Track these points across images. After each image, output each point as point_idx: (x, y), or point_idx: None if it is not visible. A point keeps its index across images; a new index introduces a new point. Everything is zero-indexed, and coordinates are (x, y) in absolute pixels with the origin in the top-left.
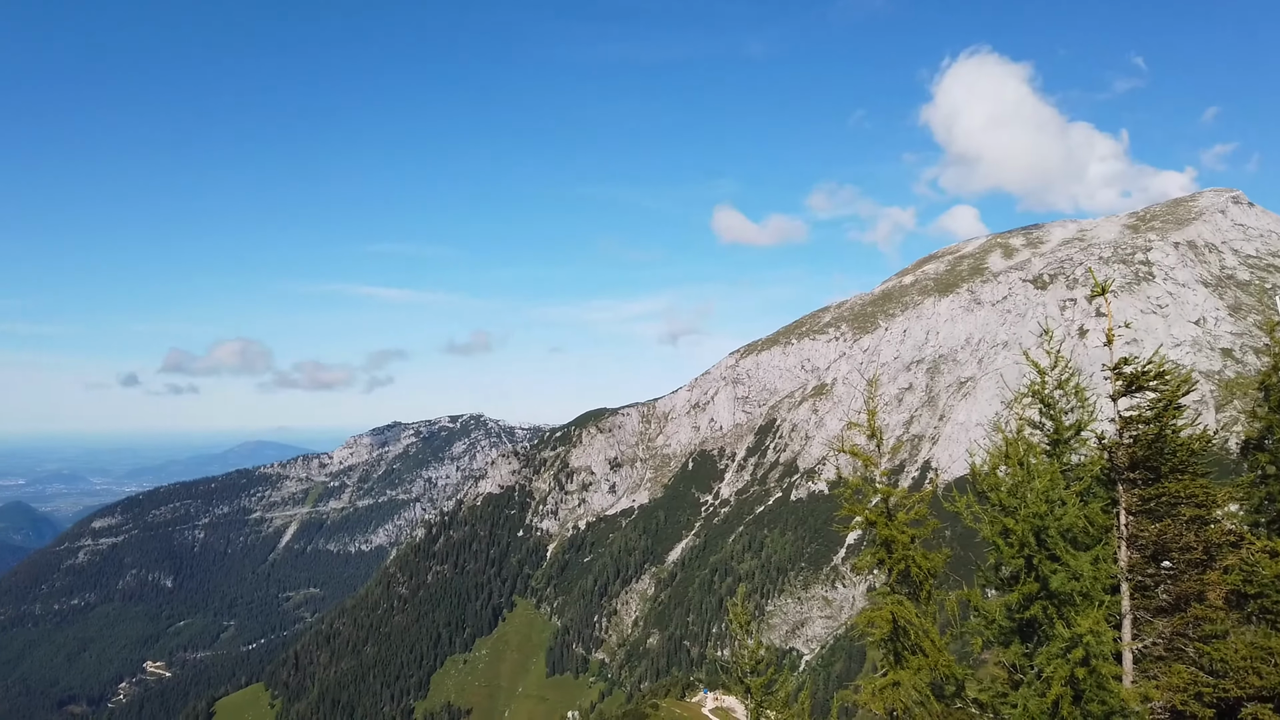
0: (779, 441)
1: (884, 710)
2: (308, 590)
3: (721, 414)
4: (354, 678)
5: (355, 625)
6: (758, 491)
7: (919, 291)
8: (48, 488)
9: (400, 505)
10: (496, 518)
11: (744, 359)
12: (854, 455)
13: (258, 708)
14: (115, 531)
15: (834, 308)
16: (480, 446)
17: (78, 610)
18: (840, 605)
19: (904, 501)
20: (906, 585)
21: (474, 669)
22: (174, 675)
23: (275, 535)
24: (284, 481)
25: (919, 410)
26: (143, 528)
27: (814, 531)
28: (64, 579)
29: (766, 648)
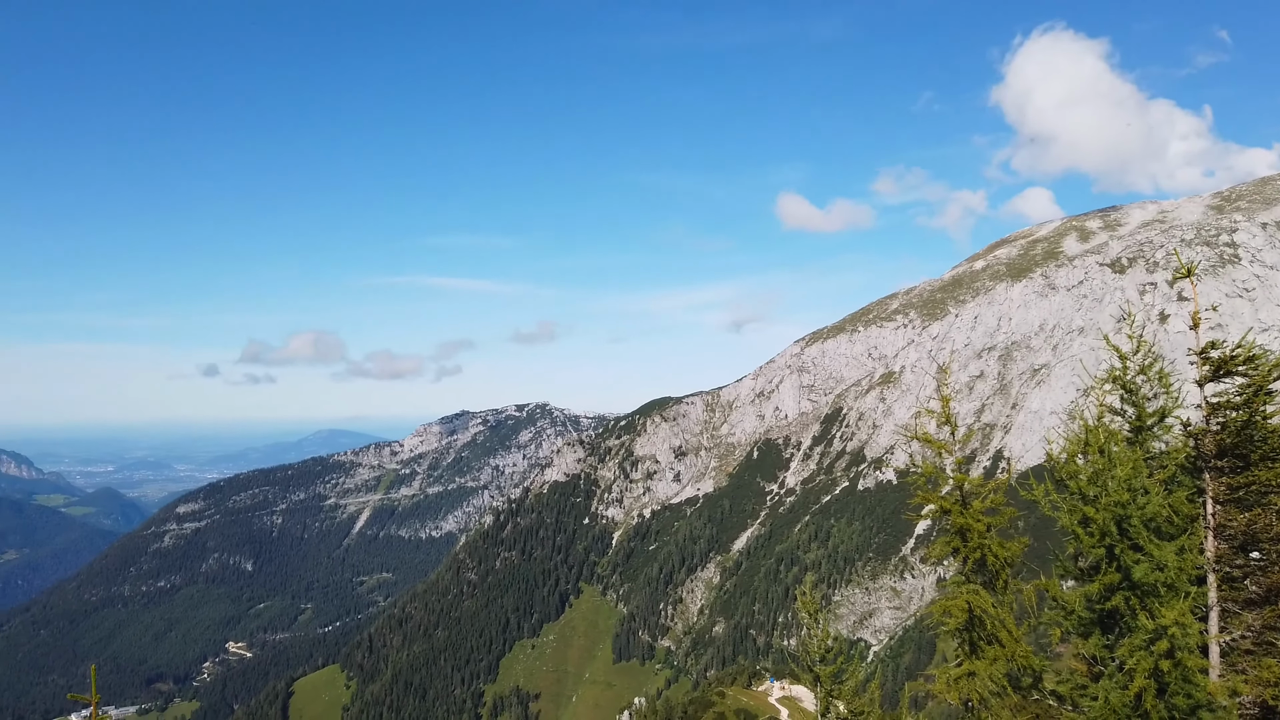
0: (846, 430)
1: (959, 700)
2: (381, 575)
3: (787, 402)
4: (425, 661)
5: (426, 610)
6: (824, 481)
7: (991, 277)
8: (135, 474)
9: (469, 492)
10: (563, 505)
11: (809, 347)
12: (927, 443)
13: (334, 688)
14: (198, 516)
15: (902, 294)
16: (546, 435)
17: (164, 592)
18: (909, 596)
19: (978, 489)
20: (982, 574)
21: (542, 654)
22: (255, 656)
23: (349, 521)
24: (357, 469)
25: (990, 398)
26: (224, 513)
27: (882, 521)
28: (151, 562)
29: (834, 637)
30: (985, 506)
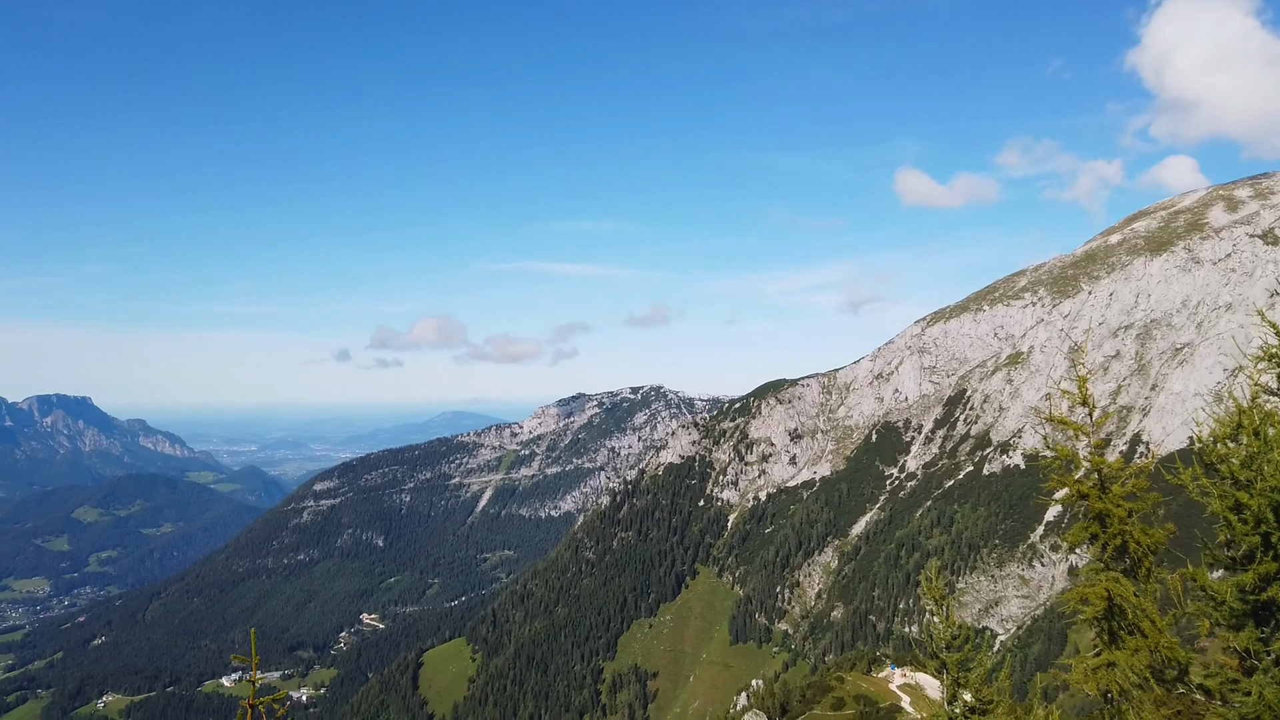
0: (969, 413)
1: (1098, 692)
2: (503, 552)
3: (907, 384)
4: (546, 636)
5: (547, 587)
6: (946, 465)
7: (1127, 251)
8: (276, 453)
9: (585, 473)
10: (678, 487)
11: (930, 327)
12: (1063, 425)
13: (460, 661)
14: (333, 494)
15: (1030, 271)
16: (660, 417)
17: (303, 565)
18: (1038, 585)
19: (1118, 473)
20: (1123, 562)
21: (659, 633)
22: (386, 627)
23: (473, 500)
24: (479, 449)
25: (1127, 380)
26: (357, 491)
27: (1009, 507)
28: (291, 536)
29: (960, 625)
30: (1125, 491)
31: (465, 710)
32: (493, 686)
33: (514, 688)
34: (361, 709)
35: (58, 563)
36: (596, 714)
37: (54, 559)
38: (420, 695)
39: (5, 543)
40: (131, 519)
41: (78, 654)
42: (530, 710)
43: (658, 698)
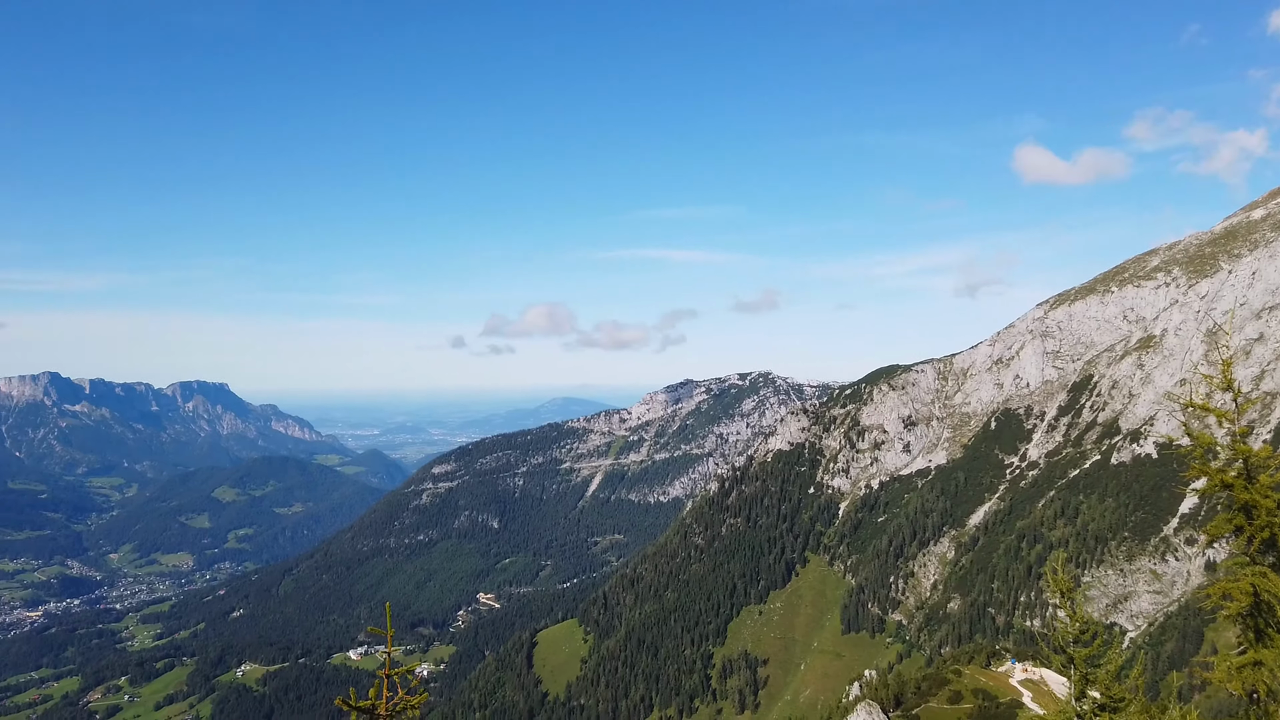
0: (1096, 400)
1: (1242, 691)
2: (613, 536)
3: (1028, 370)
4: (656, 620)
5: (656, 571)
6: (1071, 454)
7: (1273, 227)
8: (397, 437)
9: (694, 459)
10: (787, 474)
11: (1054, 310)
12: (1204, 411)
13: (573, 641)
14: (451, 477)
15: (1163, 249)
16: (769, 403)
17: (423, 545)
18: (1172, 580)
19: (1266, 462)
20: (1270, 555)
21: (769, 620)
22: (502, 607)
23: (583, 484)
24: (589, 435)
25: (1272, 364)
26: (472, 474)
27: (1139, 499)
28: (412, 517)
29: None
30: (1275, 481)
31: (578, 690)
32: (604, 668)
33: (625, 670)
34: (479, 685)
35: (200, 539)
36: (707, 698)
37: (196, 535)
38: (535, 674)
39: (154, 520)
40: (265, 499)
41: (218, 625)
42: (641, 692)
43: (768, 685)
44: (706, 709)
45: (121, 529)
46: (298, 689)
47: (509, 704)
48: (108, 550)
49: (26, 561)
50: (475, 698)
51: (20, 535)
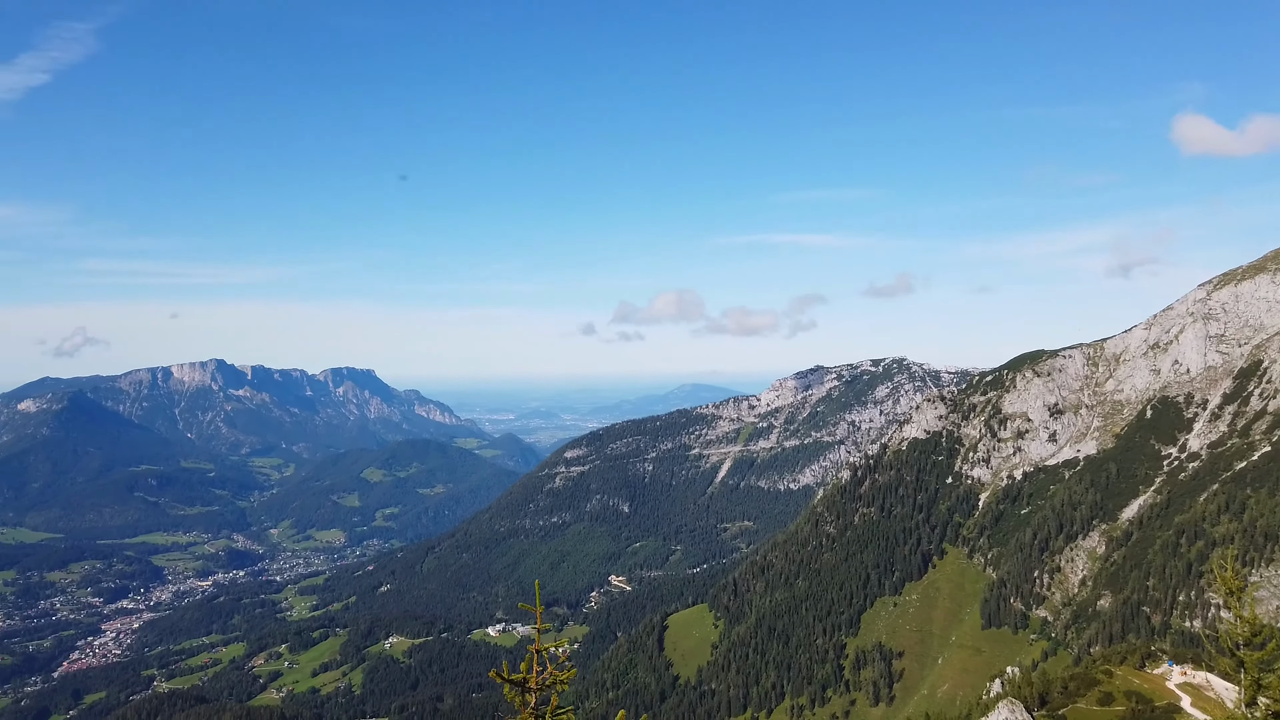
0: (1267, 387)
1: None
2: (742, 523)
3: (1188, 355)
4: (787, 608)
5: (787, 559)
6: (1238, 445)
7: None
8: (531, 422)
9: (824, 447)
10: (922, 463)
11: (1218, 290)
12: None
13: (703, 626)
14: (582, 461)
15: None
16: (903, 390)
17: (556, 527)
18: None
19: None
20: None
21: (904, 613)
22: (633, 590)
23: (712, 471)
24: (717, 421)
25: None
26: (603, 459)
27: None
28: (545, 500)
29: (1258, 622)
30: None
31: (709, 674)
32: (735, 654)
33: (755, 656)
34: (612, 665)
35: (350, 517)
36: (840, 689)
37: (347, 514)
38: (666, 657)
39: (309, 498)
40: (410, 480)
41: (368, 599)
42: (772, 680)
43: (903, 677)
44: (839, 699)
45: (281, 506)
46: (440, 662)
47: (640, 685)
48: (269, 526)
49: (198, 535)
50: (608, 678)
51: (192, 510)
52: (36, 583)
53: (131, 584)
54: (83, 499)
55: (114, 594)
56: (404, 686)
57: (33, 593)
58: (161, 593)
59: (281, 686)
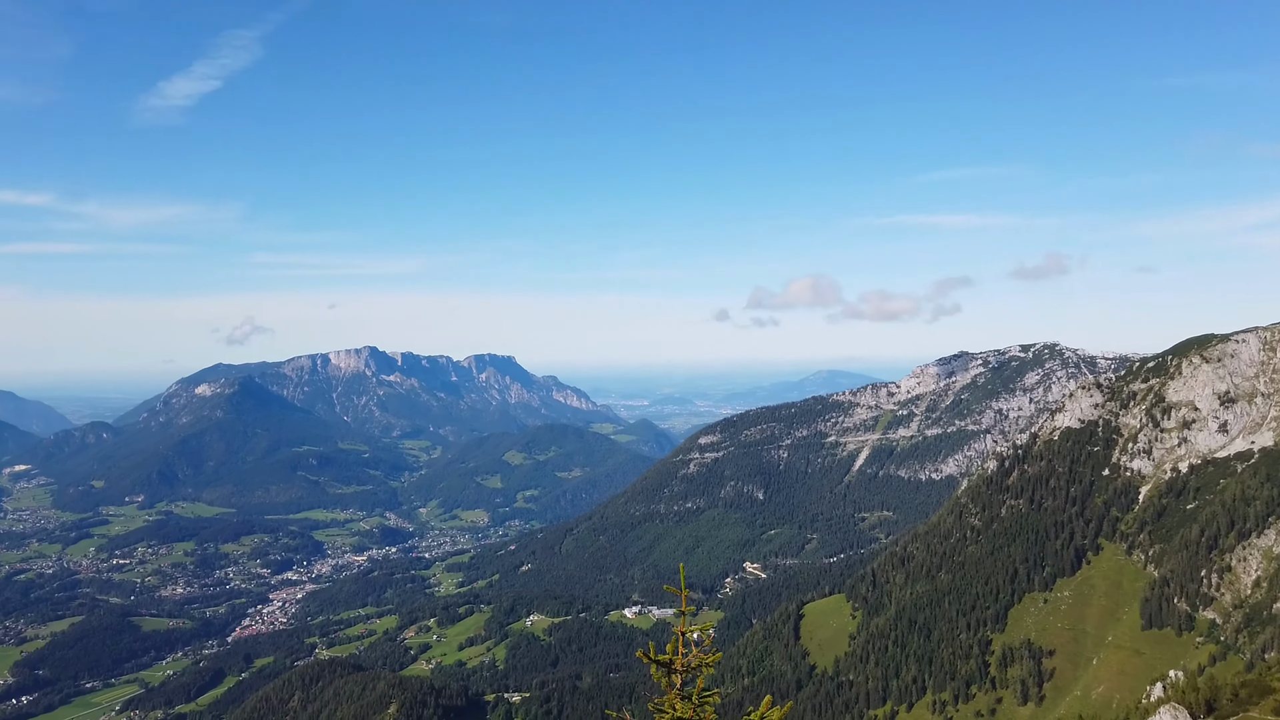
0: None
1: None
2: (881, 513)
3: None
4: (928, 601)
5: (928, 551)
6: None
7: None
8: (665, 408)
9: (969, 436)
10: (1076, 454)
11: None
12: None
13: (840, 616)
14: (716, 448)
15: None
16: (1056, 377)
17: (690, 513)
18: None
19: None
20: None
21: (1055, 610)
22: (768, 577)
23: (849, 459)
24: (854, 409)
25: None
26: (737, 445)
27: None
28: (679, 485)
29: None
30: None
31: (846, 665)
32: (873, 645)
33: (895, 649)
34: (747, 651)
35: (493, 498)
36: (985, 686)
37: (490, 495)
38: (801, 645)
39: (455, 480)
40: (548, 463)
41: (510, 578)
42: (913, 674)
43: (1054, 677)
44: (984, 697)
45: (429, 487)
46: (579, 641)
47: (776, 673)
48: (418, 505)
49: (354, 512)
50: (743, 664)
51: (349, 489)
52: (212, 554)
53: (295, 557)
54: (252, 477)
55: (280, 566)
56: (544, 663)
57: (209, 563)
58: (322, 566)
59: (431, 658)
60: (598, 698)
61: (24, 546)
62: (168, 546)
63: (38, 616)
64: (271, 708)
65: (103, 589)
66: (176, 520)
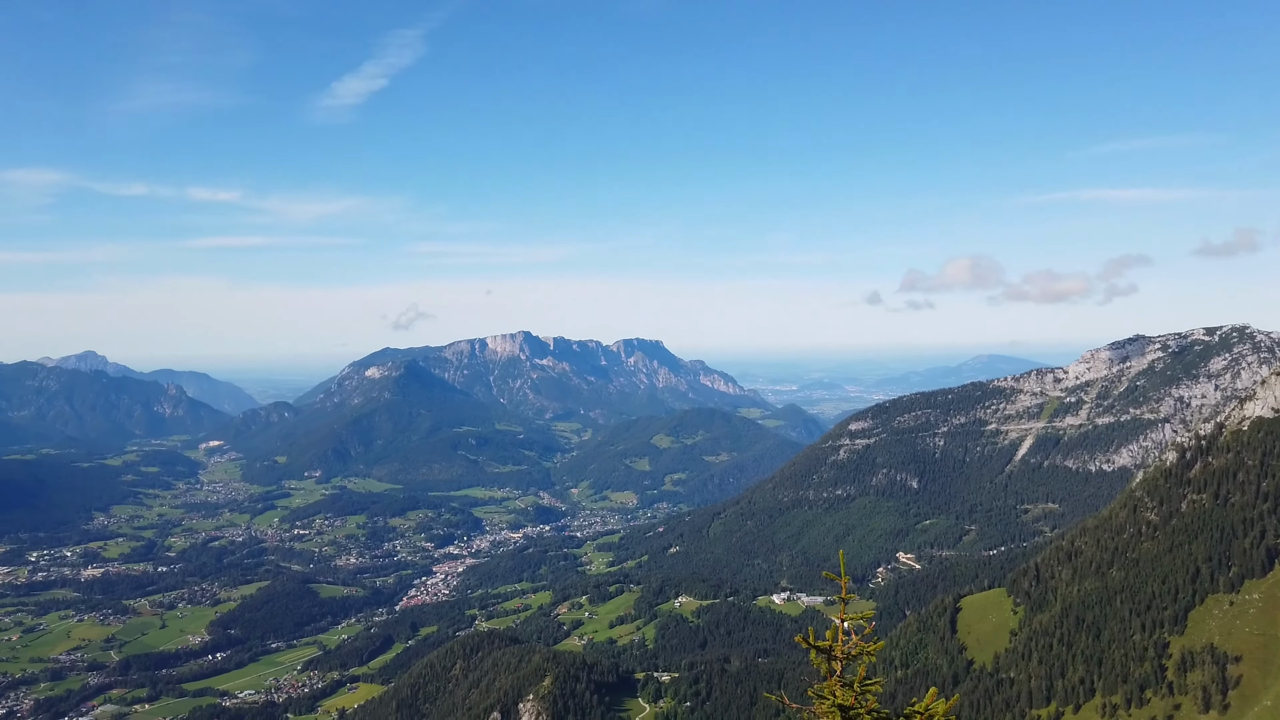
0: None
1: None
2: (1045, 505)
3: None
4: (1098, 599)
5: (1098, 546)
6: None
7: None
8: (813, 393)
9: (1145, 425)
10: (1269, 446)
11: None
12: None
13: (1000, 611)
14: (868, 434)
15: None
16: (1245, 363)
17: (840, 500)
18: None
19: None
20: None
21: (1243, 613)
22: (922, 568)
23: (1010, 448)
24: (1017, 395)
25: None
26: (890, 432)
27: None
28: (829, 472)
29: None
30: None
31: (1007, 662)
32: (1036, 643)
33: (1060, 648)
34: (900, 643)
35: (641, 480)
36: (1161, 691)
37: (639, 477)
38: (959, 640)
39: (605, 461)
40: (695, 447)
41: (658, 559)
42: (1080, 674)
43: (1240, 685)
44: (1161, 702)
45: (580, 468)
46: (727, 624)
47: (931, 666)
48: (570, 485)
49: (510, 491)
50: (896, 656)
51: (505, 469)
52: (382, 527)
53: (456, 532)
54: (416, 455)
55: (442, 540)
56: (693, 645)
57: (379, 535)
58: (480, 541)
59: (583, 634)
60: (746, 681)
61: (218, 516)
62: (342, 519)
63: (230, 580)
64: (435, 674)
65: (285, 557)
66: (349, 495)
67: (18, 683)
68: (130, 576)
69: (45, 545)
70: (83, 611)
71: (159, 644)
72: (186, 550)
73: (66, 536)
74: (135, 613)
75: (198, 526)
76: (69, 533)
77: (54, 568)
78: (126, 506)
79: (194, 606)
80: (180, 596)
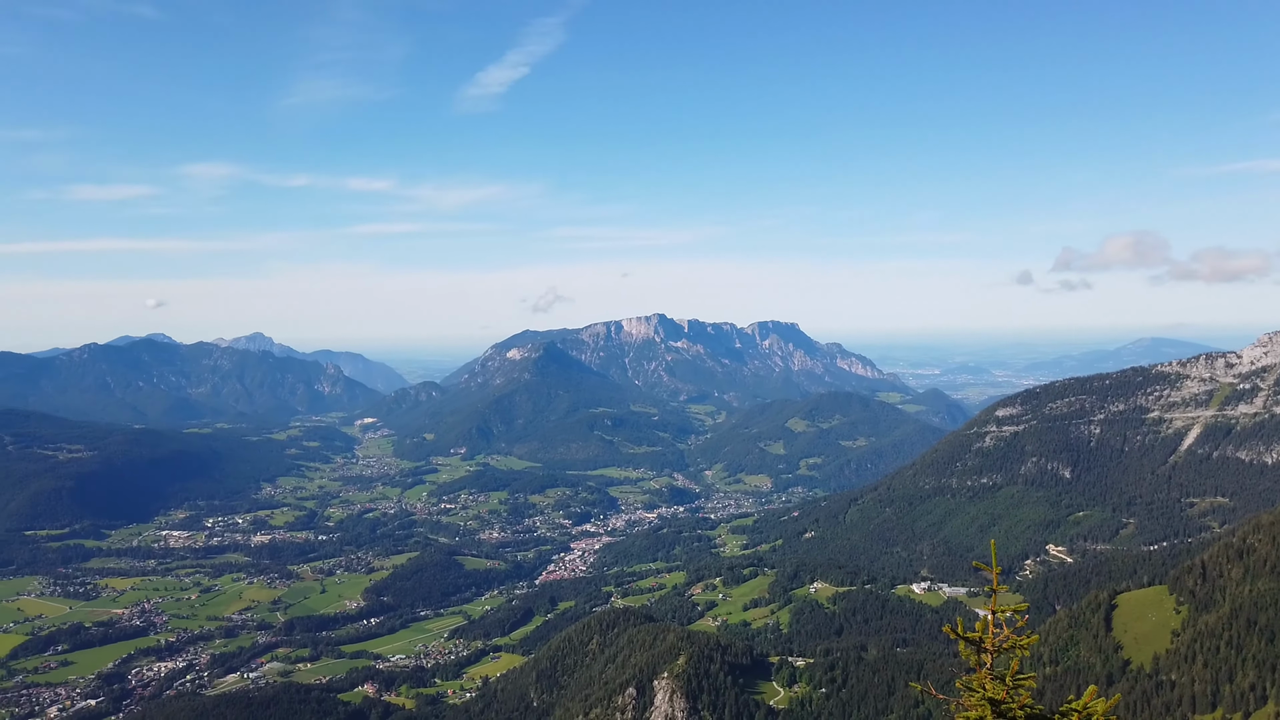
0: None
1: None
2: (1214, 499)
3: None
4: (1272, 600)
5: (1274, 544)
6: None
7: None
8: (957, 378)
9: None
10: None
11: None
12: None
13: (1161, 610)
14: (1016, 420)
15: None
16: None
17: (985, 488)
18: None
19: None
20: None
21: None
22: (1074, 562)
23: (1175, 437)
24: (1183, 381)
25: None
26: (1040, 419)
27: None
28: (973, 459)
29: None
30: None
31: (1168, 664)
32: (1202, 645)
33: (1229, 650)
34: (1049, 640)
35: (776, 464)
36: None
37: (773, 460)
38: (1113, 638)
39: (738, 444)
40: (831, 431)
41: (793, 543)
42: (1251, 680)
43: None
44: None
45: (714, 450)
46: (864, 612)
47: (1083, 665)
48: (703, 468)
49: (645, 472)
50: (1044, 652)
51: (640, 450)
52: (522, 503)
53: (593, 510)
54: (554, 434)
55: (579, 518)
56: (828, 631)
57: (520, 511)
58: (616, 520)
59: (716, 616)
60: (884, 670)
61: (372, 489)
62: (485, 495)
63: (382, 550)
64: (573, 648)
65: (433, 529)
66: (492, 471)
67: (196, 638)
68: (294, 543)
69: (220, 513)
70: (252, 575)
71: (319, 608)
72: (344, 520)
73: (238, 505)
74: (298, 577)
75: (354, 498)
76: (240, 501)
77: (227, 533)
78: (290, 478)
79: (350, 574)
80: (338, 564)
